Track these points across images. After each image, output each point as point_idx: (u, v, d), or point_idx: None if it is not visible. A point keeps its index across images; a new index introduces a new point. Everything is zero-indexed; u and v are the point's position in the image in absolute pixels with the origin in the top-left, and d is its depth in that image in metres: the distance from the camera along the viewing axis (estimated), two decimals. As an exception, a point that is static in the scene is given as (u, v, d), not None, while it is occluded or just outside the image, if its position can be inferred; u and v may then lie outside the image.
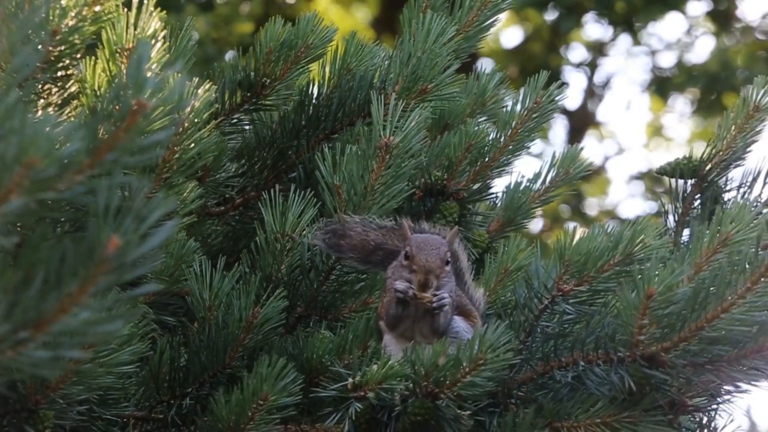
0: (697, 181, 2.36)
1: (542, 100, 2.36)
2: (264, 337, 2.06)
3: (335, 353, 2.05)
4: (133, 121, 1.33)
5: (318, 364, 2.05)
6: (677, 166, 2.37)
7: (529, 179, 2.46)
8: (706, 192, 2.35)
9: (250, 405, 1.88)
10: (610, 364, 1.86)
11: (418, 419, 1.85)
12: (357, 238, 2.07)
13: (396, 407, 1.86)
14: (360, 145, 2.14)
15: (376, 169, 2.10)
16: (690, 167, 2.36)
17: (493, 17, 2.51)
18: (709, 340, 1.80)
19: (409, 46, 2.32)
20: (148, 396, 2.06)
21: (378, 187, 2.11)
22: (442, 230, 2.04)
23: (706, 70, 9.35)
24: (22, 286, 1.26)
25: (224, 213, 2.46)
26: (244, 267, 2.20)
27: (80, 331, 1.28)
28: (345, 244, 2.08)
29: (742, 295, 1.76)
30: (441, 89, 2.31)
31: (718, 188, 2.35)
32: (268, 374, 1.88)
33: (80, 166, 1.33)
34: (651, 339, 1.81)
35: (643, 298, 1.78)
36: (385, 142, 2.07)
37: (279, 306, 2.06)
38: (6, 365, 1.29)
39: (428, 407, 1.84)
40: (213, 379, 2.08)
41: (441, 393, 1.83)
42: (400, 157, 2.09)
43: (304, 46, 2.43)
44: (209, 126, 2.00)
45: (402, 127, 2.07)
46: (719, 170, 2.35)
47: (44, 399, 1.79)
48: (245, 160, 2.49)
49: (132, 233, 1.24)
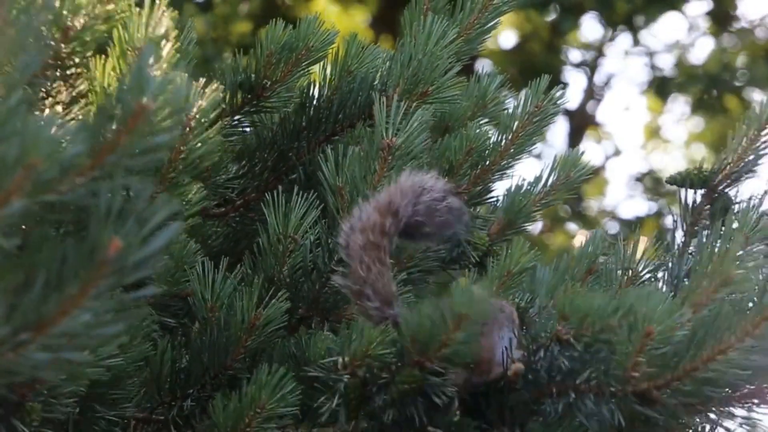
0: (707, 192, 2.35)
1: (543, 104, 2.36)
2: (266, 338, 2.06)
3: (338, 354, 2.05)
4: (136, 123, 1.33)
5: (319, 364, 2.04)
6: (687, 176, 2.36)
7: (530, 182, 2.47)
8: (716, 203, 2.34)
9: (248, 412, 1.88)
10: (601, 397, 1.83)
11: (406, 388, 1.84)
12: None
13: (384, 377, 1.85)
14: (362, 147, 2.14)
15: (378, 170, 2.09)
16: (700, 178, 2.35)
17: (495, 19, 2.51)
18: (704, 381, 1.77)
19: (410, 48, 2.32)
20: (150, 397, 2.07)
21: (381, 189, 2.10)
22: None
23: (706, 71, 9.36)
24: (22, 288, 1.26)
25: (225, 214, 2.45)
26: (246, 268, 2.21)
27: (81, 333, 1.28)
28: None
29: (741, 339, 1.74)
30: (442, 92, 2.31)
31: (728, 199, 2.34)
32: (266, 382, 1.88)
33: (82, 168, 1.33)
34: (644, 376, 1.78)
35: (641, 337, 1.74)
36: (388, 144, 2.07)
37: (281, 308, 2.06)
38: (6, 367, 1.29)
39: (416, 376, 1.83)
40: (214, 380, 2.08)
41: (428, 360, 1.81)
42: (402, 159, 2.08)
43: (305, 49, 2.43)
44: (216, 126, 1.99)
45: (404, 128, 2.07)
46: (730, 181, 2.34)
47: (30, 392, 1.78)
48: (246, 161, 2.49)
49: (134, 236, 1.24)
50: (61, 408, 1.81)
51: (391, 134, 2.06)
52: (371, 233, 1.88)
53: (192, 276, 2.11)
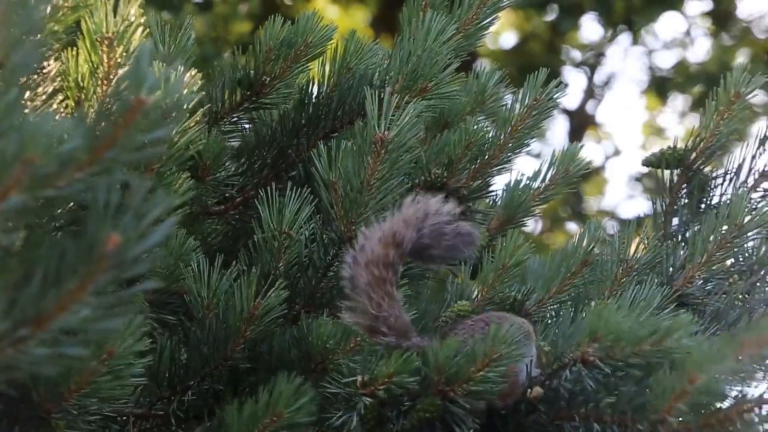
0: (683, 171, 2.36)
1: (542, 97, 2.36)
2: (265, 328, 2.05)
3: (340, 338, 2.04)
4: (132, 118, 1.33)
5: (322, 348, 2.04)
6: (662, 157, 2.38)
7: (529, 177, 2.47)
8: (693, 181, 2.34)
9: (263, 420, 1.85)
10: (624, 430, 1.78)
11: (426, 416, 1.83)
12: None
13: (405, 403, 1.84)
14: (355, 141, 2.13)
15: (371, 164, 2.08)
16: (675, 157, 2.36)
17: (493, 15, 2.50)
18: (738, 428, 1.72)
19: (408, 44, 2.31)
20: (148, 393, 2.06)
21: (374, 183, 2.09)
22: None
23: (706, 71, 9.36)
24: (21, 283, 1.26)
25: (224, 212, 2.45)
26: (241, 265, 2.20)
27: (80, 328, 1.28)
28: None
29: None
30: (441, 87, 2.31)
31: (704, 177, 2.35)
32: (284, 390, 1.84)
33: (80, 163, 1.33)
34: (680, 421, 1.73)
35: (684, 382, 1.68)
36: (380, 137, 2.06)
37: (280, 296, 2.05)
38: (6, 363, 1.29)
39: (437, 405, 1.82)
40: (215, 372, 2.07)
41: (452, 391, 1.81)
42: (396, 152, 2.07)
43: (304, 45, 2.43)
44: (196, 115, 1.98)
45: (396, 121, 2.06)
46: (705, 158, 2.34)
47: (57, 408, 1.78)
48: (245, 158, 2.49)
49: (132, 230, 1.24)
50: (84, 426, 1.82)
51: (384, 128, 2.05)
52: (376, 268, 1.87)
53: (188, 273, 2.10)
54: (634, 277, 2.22)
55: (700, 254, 2.12)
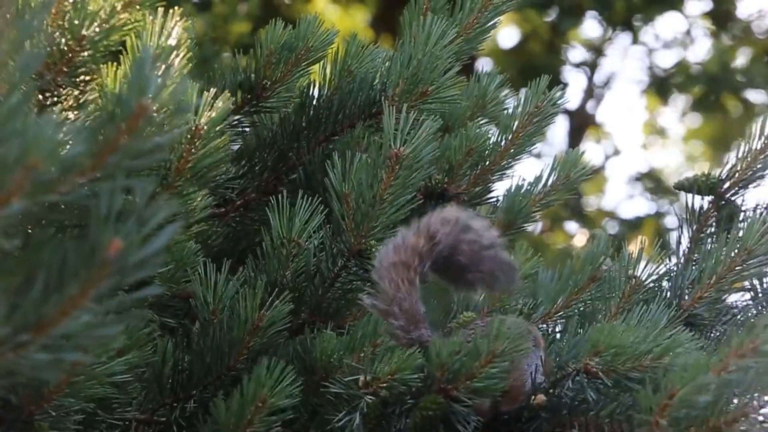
0: (714, 199, 2.34)
1: (543, 104, 2.36)
2: (269, 340, 2.05)
3: (344, 351, 2.04)
4: (136, 124, 1.33)
5: (326, 363, 2.04)
6: (695, 183, 2.35)
7: (530, 183, 2.47)
8: (723, 210, 2.32)
9: (249, 408, 1.87)
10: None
11: (429, 414, 1.82)
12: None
13: (408, 402, 1.84)
14: (369, 154, 2.13)
15: (385, 179, 2.08)
16: (708, 185, 2.34)
17: (494, 19, 2.51)
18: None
19: (409, 48, 2.31)
20: (151, 399, 2.06)
21: (387, 197, 2.10)
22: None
23: (706, 71, 9.36)
24: (23, 288, 1.26)
25: (224, 214, 2.45)
26: (248, 271, 2.20)
27: (81, 334, 1.28)
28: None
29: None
30: (441, 92, 2.31)
31: (734, 207, 2.33)
32: (267, 376, 1.87)
33: (83, 168, 1.33)
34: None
35: (665, 398, 1.70)
36: (396, 153, 2.06)
37: (285, 309, 2.06)
38: (6, 368, 1.29)
39: (440, 403, 1.82)
40: (217, 381, 2.07)
41: (455, 389, 1.81)
42: (409, 168, 2.08)
43: (305, 48, 2.43)
44: (224, 138, 1.99)
45: (412, 138, 2.05)
46: (737, 189, 2.33)
47: (38, 410, 1.78)
48: (245, 161, 2.49)
49: (134, 236, 1.23)
50: (70, 426, 1.81)
51: (399, 143, 2.05)
52: (403, 252, 1.87)
53: (194, 278, 2.10)
54: (642, 295, 2.22)
55: (708, 276, 2.11)
